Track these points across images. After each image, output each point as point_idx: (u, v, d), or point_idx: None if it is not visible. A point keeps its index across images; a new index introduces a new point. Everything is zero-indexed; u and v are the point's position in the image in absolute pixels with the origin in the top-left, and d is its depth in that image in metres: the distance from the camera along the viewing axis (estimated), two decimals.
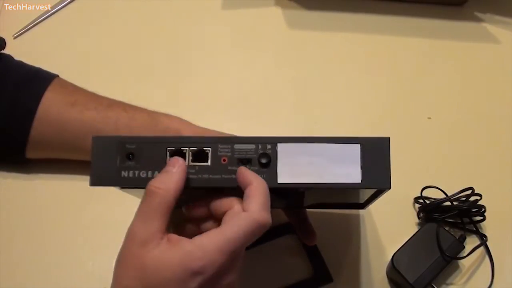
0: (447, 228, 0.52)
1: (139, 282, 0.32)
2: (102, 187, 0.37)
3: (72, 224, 0.53)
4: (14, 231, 0.52)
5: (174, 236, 0.33)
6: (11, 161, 0.54)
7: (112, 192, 0.53)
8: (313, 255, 0.52)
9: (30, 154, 0.52)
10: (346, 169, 0.34)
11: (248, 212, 0.33)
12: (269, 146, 0.35)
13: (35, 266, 0.50)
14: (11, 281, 0.50)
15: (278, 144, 0.35)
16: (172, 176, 0.34)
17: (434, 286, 0.49)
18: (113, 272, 0.34)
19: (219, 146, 0.35)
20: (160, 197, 0.33)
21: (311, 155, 0.34)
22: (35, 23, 0.68)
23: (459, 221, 0.54)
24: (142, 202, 0.34)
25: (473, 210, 0.53)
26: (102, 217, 0.53)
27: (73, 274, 0.51)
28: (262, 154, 0.34)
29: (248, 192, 0.33)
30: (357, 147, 0.34)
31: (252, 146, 0.35)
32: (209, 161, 0.35)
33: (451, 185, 0.54)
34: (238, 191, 0.35)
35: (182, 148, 0.35)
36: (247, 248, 0.37)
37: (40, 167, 0.55)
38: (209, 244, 0.32)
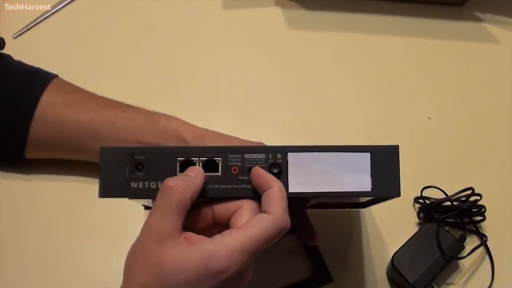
0: (447, 228, 0.52)
1: (157, 281, 0.31)
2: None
3: (72, 224, 0.53)
4: (14, 231, 0.52)
5: (192, 235, 0.33)
6: (10, 161, 0.54)
7: None
8: (313, 255, 0.52)
9: (30, 154, 0.52)
10: (356, 177, 0.34)
11: (272, 215, 0.33)
12: (279, 156, 0.35)
13: (35, 266, 0.50)
14: (11, 281, 0.50)
15: (289, 153, 0.35)
16: (191, 178, 0.34)
17: (434, 286, 0.49)
18: (124, 268, 0.33)
19: (229, 156, 0.35)
20: (179, 194, 0.33)
21: (322, 164, 0.34)
22: (35, 23, 0.68)
23: (459, 221, 0.54)
24: (159, 198, 0.33)
25: (473, 210, 0.53)
26: (102, 217, 0.53)
27: (73, 274, 0.51)
28: (273, 163, 0.34)
29: (269, 195, 0.33)
30: (367, 156, 0.34)
31: (263, 156, 0.35)
32: (220, 171, 0.35)
33: (451, 185, 0.54)
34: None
35: (192, 158, 0.35)
36: None
37: (40, 167, 0.55)
38: (232, 244, 0.32)
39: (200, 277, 0.31)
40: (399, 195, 0.34)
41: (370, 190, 0.34)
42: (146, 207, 0.46)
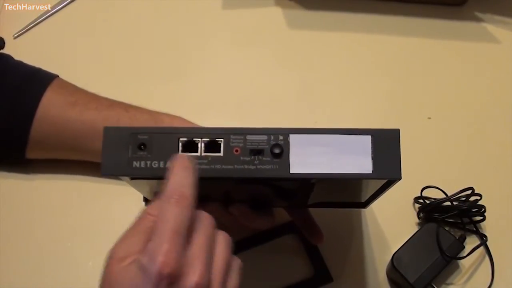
0: (447, 228, 0.52)
1: None
2: (111, 180, 0.37)
3: (72, 224, 0.53)
4: (14, 231, 0.52)
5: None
6: (11, 161, 0.54)
7: (112, 192, 0.54)
8: (313, 255, 0.52)
9: (30, 154, 0.52)
10: (357, 160, 0.34)
11: (162, 197, 0.32)
12: (281, 137, 0.35)
13: (35, 266, 0.51)
14: (11, 281, 0.50)
15: (290, 135, 0.35)
16: (170, 206, 0.32)
17: (434, 286, 0.49)
18: None
19: (232, 137, 0.35)
20: (150, 221, 0.32)
21: (323, 146, 0.34)
22: (35, 23, 0.68)
23: (459, 221, 0.54)
24: (132, 223, 0.33)
25: (473, 210, 0.53)
26: (102, 217, 0.53)
27: (73, 274, 0.51)
28: (275, 144, 0.35)
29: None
30: (368, 138, 0.35)
31: (265, 137, 0.35)
32: (222, 151, 0.35)
33: (451, 185, 0.54)
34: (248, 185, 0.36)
35: (194, 139, 0.35)
36: (247, 248, 0.37)
37: (40, 167, 0.55)
38: (152, 243, 0.30)
39: (140, 286, 0.30)
40: (400, 178, 0.35)
41: (371, 172, 0.34)
42: (147, 203, 0.46)
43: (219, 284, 0.32)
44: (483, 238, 0.53)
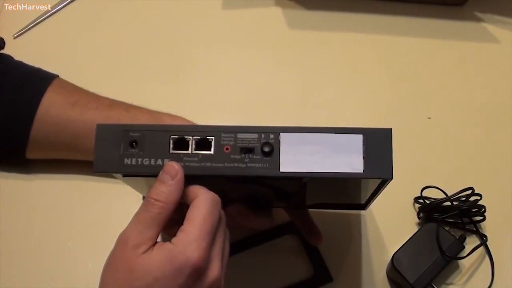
0: (447, 228, 0.52)
1: (128, 286, 0.32)
2: (111, 180, 0.37)
3: (72, 224, 0.53)
4: (14, 231, 0.52)
5: (161, 242, 0.34)
6: (11, 161, 0.54)
7: (112, 192, 0.54)
8: (313, 255, 0.52)
9: (31, 154, 0.52)
10: (348, 158, 0.34)
11: (198, 197, 0.35)
12: (272, 135, 0.35)
13: (35, 266, 0.51)
14: (11, 281, 0.50)
15: (281, 133, 0.35)
16: (170, 188, 0.34)
17: (434, 286, 0.49)
18: (100, 279, 0.34)
19: (222, 135, 0.35)
20: (158, 208, 0.34)
21: (314, 145, 0.34)
22: (35, 23, 0.68)
23: (459, 221, 0.54)
24: (140, 210, 0.34)
25: (473, 210, 0.53)
26: (102, 217, 0.53)
27: (73, 274, 0.51)
28: (265, 143, 0.35)
29: (193, 197, 0.35)
30: (359, 138, 0.35)
31: (255, 135, 0.35)
32: (212, 149, 0.35)
33: (451, 185, 0.54)
34: (235, 185, 0.36)
35: (185, 137, 0.35)
36: (247, 248, 0.37)
37: (40, 167, 0.55)
38: (187, 237, 0.33)
39: (168, 275, 0.32)
40: (391, 177, 0.34)
41: (362, 171, 0.34)
42: None
43: (225, 275, 0.36)
44: (483, 238, 0.53)
